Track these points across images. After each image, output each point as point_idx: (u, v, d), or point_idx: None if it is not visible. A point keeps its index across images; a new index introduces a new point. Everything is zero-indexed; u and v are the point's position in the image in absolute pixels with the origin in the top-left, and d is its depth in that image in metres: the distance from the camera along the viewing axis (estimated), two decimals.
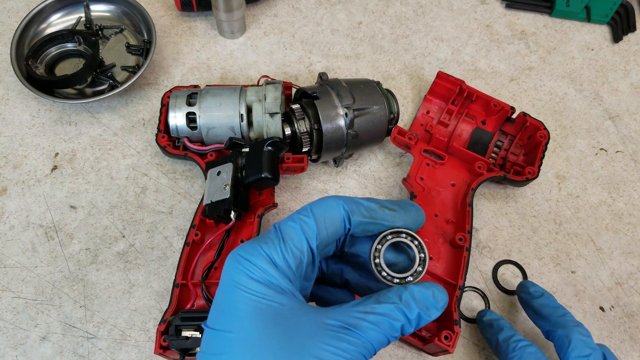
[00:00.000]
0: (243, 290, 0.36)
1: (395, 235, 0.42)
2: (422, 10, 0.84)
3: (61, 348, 0.59)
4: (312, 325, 0.36)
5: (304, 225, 0.39)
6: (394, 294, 0.39)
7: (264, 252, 0.37)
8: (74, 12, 0.77)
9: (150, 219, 0.66)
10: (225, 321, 0.36)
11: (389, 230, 0.42)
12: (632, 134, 0.77)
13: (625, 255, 0.68)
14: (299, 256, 0.38)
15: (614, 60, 0.82)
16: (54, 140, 0.71)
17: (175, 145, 0.65)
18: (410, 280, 0.42)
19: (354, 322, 0.37)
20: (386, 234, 0.42)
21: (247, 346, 0.35)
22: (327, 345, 0.35)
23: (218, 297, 0.38)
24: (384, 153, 0.73)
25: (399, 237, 0.42)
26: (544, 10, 0.85)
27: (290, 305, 0.37)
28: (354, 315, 0.37)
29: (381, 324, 0.37)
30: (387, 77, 0.78)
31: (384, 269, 0.42)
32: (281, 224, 0.39)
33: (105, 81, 0.73)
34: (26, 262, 0.63)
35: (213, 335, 0.37)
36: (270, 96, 0.63)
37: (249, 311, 0.36)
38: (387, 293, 0.39)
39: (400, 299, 0.39)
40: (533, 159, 0.67)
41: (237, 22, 0.76)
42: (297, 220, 0.39)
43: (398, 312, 0.38)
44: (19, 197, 0.67)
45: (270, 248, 0.38)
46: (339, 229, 0.40)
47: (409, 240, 0.42)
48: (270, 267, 0.37)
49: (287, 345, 0.35)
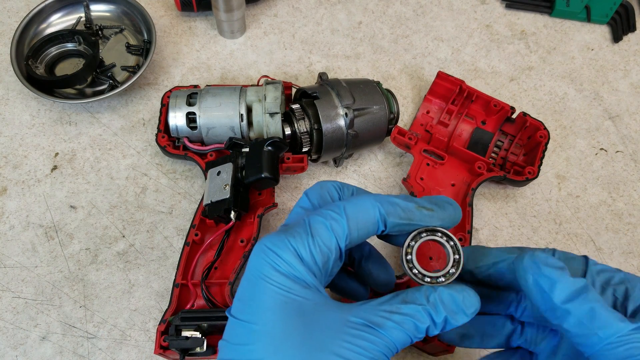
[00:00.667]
0: (268, 282, 0.36)
1: (430, 234, 0.41)
2: (422, 10, 0.84)
3: (61, 348, 0.59)
4: (336, 322, 0.36)
5: (334, 224, 0.38)
6: (422, 294, 0.38)
7: (291, 246, 0.37)
8: (74, 12, 0.77)
9: (150, 219, 0.66)
10: (250, 312, 0.37)
11: (424, 228, 0.41)
12: (632, 134, 0.77)
13: (625, 255, 0.68)
14: (326, 253, 0.38)
15: (614, 60, 0.82)
16: (54, 140, 0.71)
17: (175, 145, 0.65)
18: (442, 281, 0.40)
19: (378, 321, 0.36)
20: (421, 231, 0.41)
21: (270, 339, 0.35)
22: (348, 344, 0.35)
23: (243, 287, 0.38)
24: (384, 153, 0.73)
25: (434, 236, 0.41)
26: (544, 10, 0.85)
27: (314, 301, 0.37)
28: (379, 314, 0.36)
29: (406, 324, 0.36)
30: (387, 77, 0.78)
31: (415, 266, 0.41)
32: (311, 218, 0.38)
33: (105, 81, 0.73)
34: (26, 262, 0.63)
35: (237, 325, 0.37)
36: (270, 96, 0.63)
37: (273, 304, 0.36)
38: (415, 293, 0.38)
39: (428, 301, 0.38)
40: (533, 159, 0.67)
41: (237, 22, 0.76)
42: (329, 217, 0.38)
43: (425, 314, 0.37)
44: (19, 197, 0.67)
45: (297, 242, 0.37)
46: (371, 230, 0.39)
47: (444, 240, 0.41)
48: (297, 261, 0.37)
49: (309, 340, 0.35)
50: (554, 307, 0.37)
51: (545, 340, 0.45)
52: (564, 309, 0.37)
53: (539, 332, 0.46)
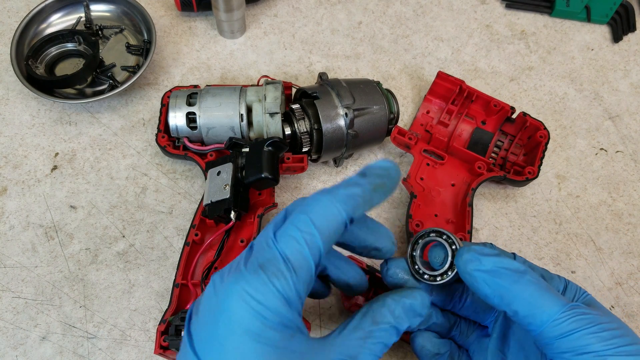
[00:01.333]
0: (256, 340, 0.33)
1: (437, 235, 0.45)
2: (422, 10, 0.84)
3: (61, 348, 0.59)
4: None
5: (313, 247, 0.35)
6: (387, 309, 0.41)
7: (277, 292, 0.33)
8: (74, 12, 0.77)
9: (150, 219, 0.66)
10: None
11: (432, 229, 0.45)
12: (632, 134, 0.77)
13: (625, 255, 0.68)
14: (310, 283, 0.36)
15: (614, 60, 0.82)
16: (54, 140, 0.71)
17: (175, 145, 0.65)
18: (438, 281, 0.44)
19: (355, 353, 0.38)
20: (429, 231, 0.45)
21: None
22: None
23: (215, 328, 0.34)
24: (384, 153, 0.73)
25: (439, 238, 0.45)
26: (544, 10, 0.85)
27: (300, 351, 0.35)
28: (354, 343, 0.38)
29: (377, 347, 0.39)
30: (387, 77, 0.78)
31: (417, 263, 0.45)
32: (287, 249, 0.35)
33: (105, 81, 0.73)
34: (26, 262, 0.63)
35: None
36: (270, 96, 0.63)
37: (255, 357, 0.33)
38: (381, 309, 0.41)
39: (394, 315, 0.41)
40: (533, 159, 0.67)
41: (237, 22, 0.76)
42: (302, 241, 0.35)
43: (393, 332, 0.40)
44: (19, 197, 0.67)
45: (283, 284, 0.34)
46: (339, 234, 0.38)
47: (446, 244, 0.45)
48: (285, 308, 0.34)
49: None
50: (502, 292, 0.40)
51: (475, 334, 0.50)
52: (512, 292, 0.40)
53: (470, 326, 0.51)
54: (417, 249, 0.46)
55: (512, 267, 0.41)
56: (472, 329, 0.51)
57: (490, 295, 0.41)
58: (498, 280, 0.41)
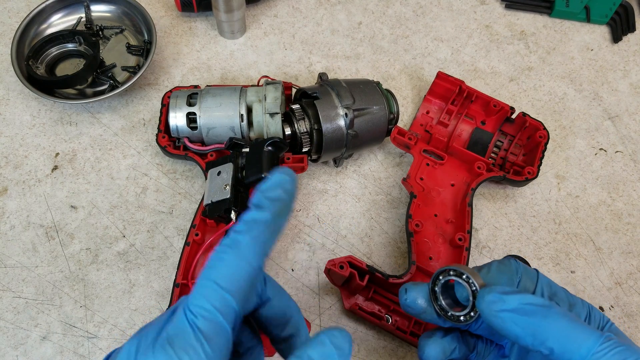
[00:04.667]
0: None
1: (455, 274, 0.45)
2: (422, 10, 0.85)
3: (61, 348, 0.60)
4: None
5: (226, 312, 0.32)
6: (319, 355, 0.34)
7: None
8: (75, 13, 0.77)
9: (150, 219, 0.67)
10: None
11: (451, 267, 0.45)
12: (632, 134, 0.77)
13: (624, 255, 0.68)
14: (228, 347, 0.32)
15: (614, 60, 0.82)
16: (55, 140, 0.71)
17: (176, 145, 0.65)
18: (462, 321, 0.44)
19: None
20: (449, 270, 0.45)
21: None
22: None
23: None
24: (384, 153, 0.73)
25: (460, 278, 0.44)
26: (544, 10, 0.85)
27: None
28: None
29: None
30: (387, 77, 0.79)
31: (439, 299, 0.46)
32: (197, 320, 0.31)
33: (105, 81, 0.73)
34: (27, 262, 0.64)
35: None
36: (270, 96, 0.64)
37: None
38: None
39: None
40: (532, 159, 0.67)
41: (237, 22, 0.76)
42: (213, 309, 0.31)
43: None
44: (20, 197, 0.67)
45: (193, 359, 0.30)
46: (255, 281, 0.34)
47: (466, 284, 0.44)
48: None
49: None
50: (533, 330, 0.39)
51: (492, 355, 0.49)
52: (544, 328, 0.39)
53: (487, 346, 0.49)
54: (439, 284, 0.46)
55: (538, 302, 0.40)
56: (489, 349, 0.49)
57: (522, 335, 0.40)
58: (527, 318, 0.39)
